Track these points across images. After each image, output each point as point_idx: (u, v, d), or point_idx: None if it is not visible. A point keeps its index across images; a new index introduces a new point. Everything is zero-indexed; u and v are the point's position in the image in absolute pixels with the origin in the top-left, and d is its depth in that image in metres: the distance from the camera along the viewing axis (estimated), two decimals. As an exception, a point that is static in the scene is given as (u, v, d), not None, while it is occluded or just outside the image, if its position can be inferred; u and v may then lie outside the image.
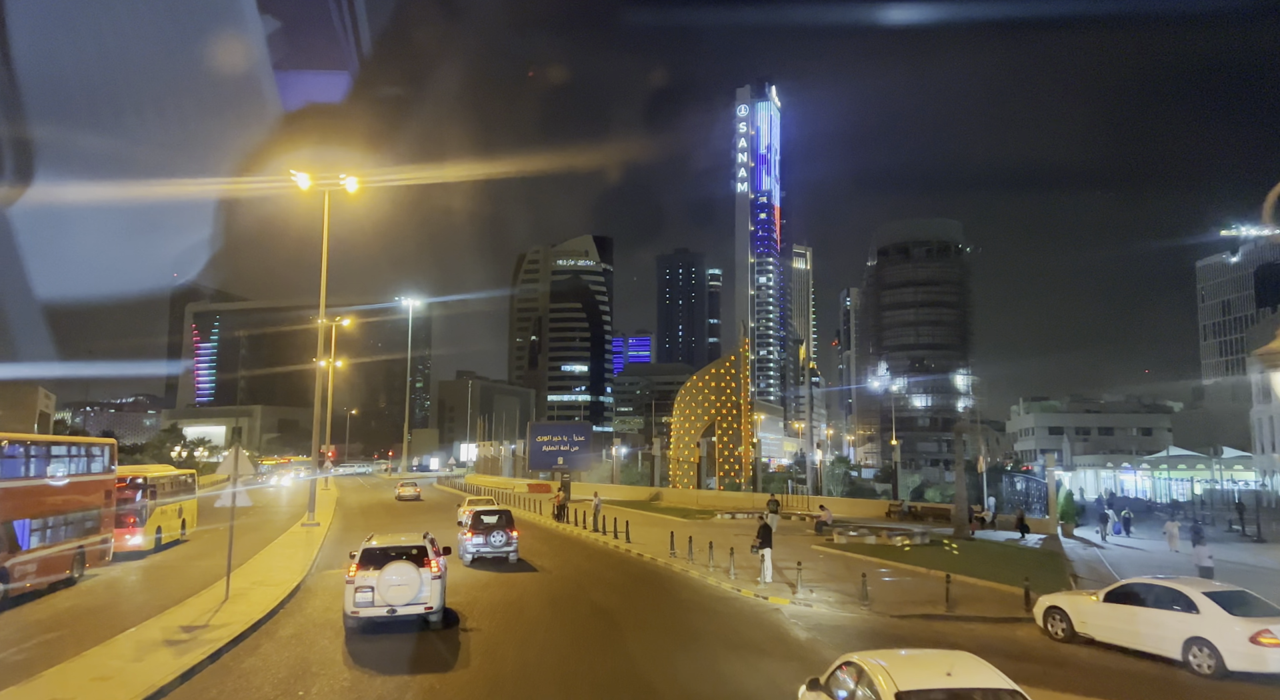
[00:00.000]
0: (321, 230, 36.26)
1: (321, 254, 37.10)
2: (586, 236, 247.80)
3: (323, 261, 36.91)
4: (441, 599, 15.87)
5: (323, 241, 36.84)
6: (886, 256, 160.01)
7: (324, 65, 32.85)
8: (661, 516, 41.37)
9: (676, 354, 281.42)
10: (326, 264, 36.80)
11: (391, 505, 54.31)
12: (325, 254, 36.86)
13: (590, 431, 57.06)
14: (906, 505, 46.14)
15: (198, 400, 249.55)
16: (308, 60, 33.65)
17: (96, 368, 60.63)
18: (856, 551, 25.86)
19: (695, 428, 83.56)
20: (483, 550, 24.60)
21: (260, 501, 55.81)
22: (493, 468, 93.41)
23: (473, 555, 24.65)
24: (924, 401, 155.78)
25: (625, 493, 61.89)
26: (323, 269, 36.95)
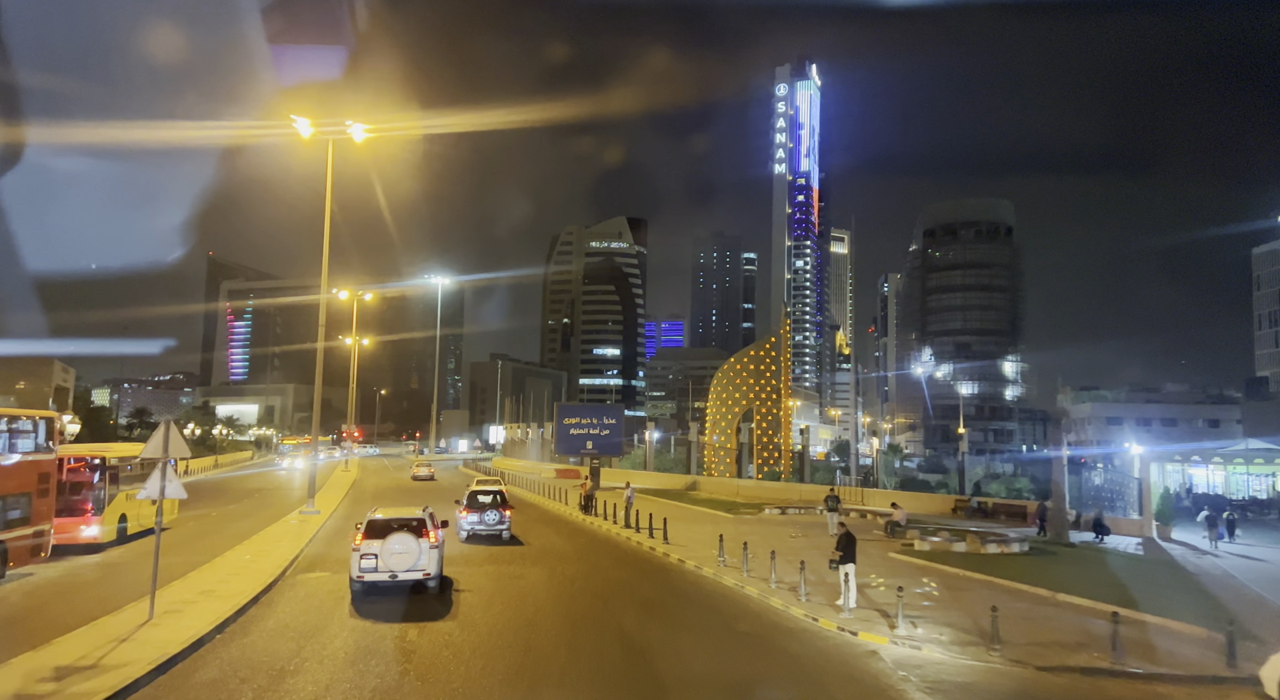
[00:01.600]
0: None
1: (326, 215, 33.09)
2: (621, 218, 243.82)
3: (326, 218, 32.90)
4: (439, 567, 17.33)
5: (326, 194, 32.81)
6: (933, 238, 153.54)
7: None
8: (701, 510, 36.97)
9: (710, 339, 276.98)
10: (330, 222, 32.78)
11: (408, 488, 50.76)
12: (329, 211, 32.85)
13: (622, 415, 52.82)
14: (976, 501, 41.24)
15: (231, 378, 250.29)
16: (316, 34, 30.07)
17: (107, 344, 58.06)
18: (947, 562, 21.24)
19: (732, 413, 78.96)
20: (477, 528, 25.80)
21: (268, 485, 52.39)
22: (520, 451, 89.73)
23: (468, 532, 25.79)
24: (970, 389, 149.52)
25: (659, 481, 57.64)
26: (326, 227, 32.94)
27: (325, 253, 33.06)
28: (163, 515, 27.68)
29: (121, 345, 65.94)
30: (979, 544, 23.14)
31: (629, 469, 65.85)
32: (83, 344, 63.31)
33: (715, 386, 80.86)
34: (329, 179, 32.72)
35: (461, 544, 24.59)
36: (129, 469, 25.03)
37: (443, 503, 31.14)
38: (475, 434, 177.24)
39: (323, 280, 33.26)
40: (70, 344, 59.34)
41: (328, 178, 32.72)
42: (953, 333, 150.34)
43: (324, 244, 33.10)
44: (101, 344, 60.26)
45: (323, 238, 33.34)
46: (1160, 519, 35.08)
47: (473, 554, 22.67)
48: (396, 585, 16.46)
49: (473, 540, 25.60)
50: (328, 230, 32.91)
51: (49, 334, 61.81)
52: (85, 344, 62.79)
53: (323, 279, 33.32)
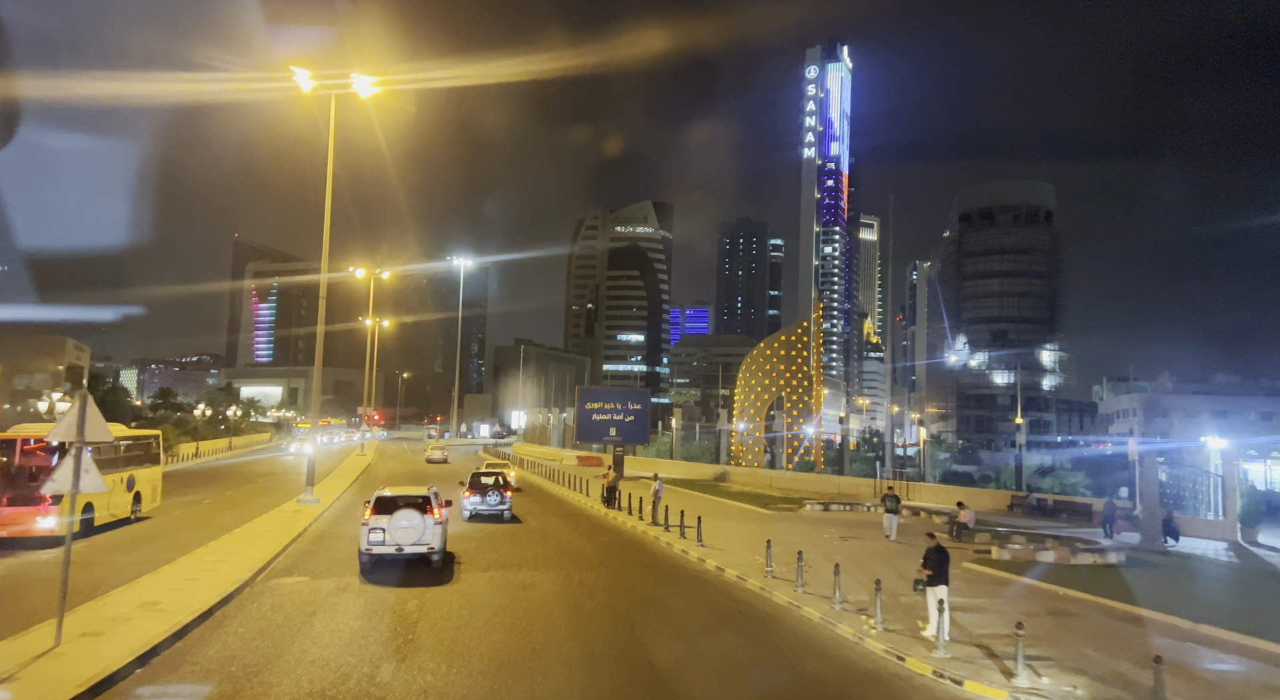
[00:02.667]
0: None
1: (328, 176, 30.17)
2: (646, 203, 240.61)
3: (328, 179, 29.98)
4: (442, 542, 18.04)
5: (329, 152, 29.89)
6: (969, 222, 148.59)
7: None
8: (734, 505, 33.80)
9: (735, 326, 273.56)
10: (332, 183, 29.86)
11: (422, 473, 48.16)
12: (330, 170, 29.92)
13: (649, 400, 49.52)
14: (1035, 498, 37.74)
15: (255, 360, 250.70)
16: None
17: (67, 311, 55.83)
18: (1037, 575, 17.92)
19: (761, 400, 75.65)
20: (479, 508, 27.05)
21: (275, 469, 49.92)
22: (541, 436, 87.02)
23: (470, 512, 27.07)
24: (1006, 378, 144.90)
25: (686, 471, 54.56)
26: (327, 190, 30.03)
27: (327, 219, 30.17)
28: (142, 503, 25.17)
29: (81, 312, 64.34)
30: (1068, 553, 19.76)
31: (654, 458, 62.81)
32: (42, 310, 60.95)
33: (744, 373, 77.57)
34: (331, 136, 29.81)
35: (464, 524, 25.72)
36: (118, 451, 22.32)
37: (456, 487, 31.08)
38: (497, 419, 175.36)
39: (323, 249, 30.37)
40: (28, 310, 57.28)
41: (330, 135, 29.80)
42: (989, 320, 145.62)
43: (325, 210, 30.20)
44: (61, 310, 58.16)
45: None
46: (1246, 521, 31.51)
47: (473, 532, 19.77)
48: (402, 558, 17.62)
49: (475, 520, 27.01)
50: (329, 193, 30.00)
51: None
52: (45, 310, 60.43)
53: (323, 248, 30.43)
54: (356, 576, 16.76)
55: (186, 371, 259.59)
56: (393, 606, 14.02)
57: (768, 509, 31.19)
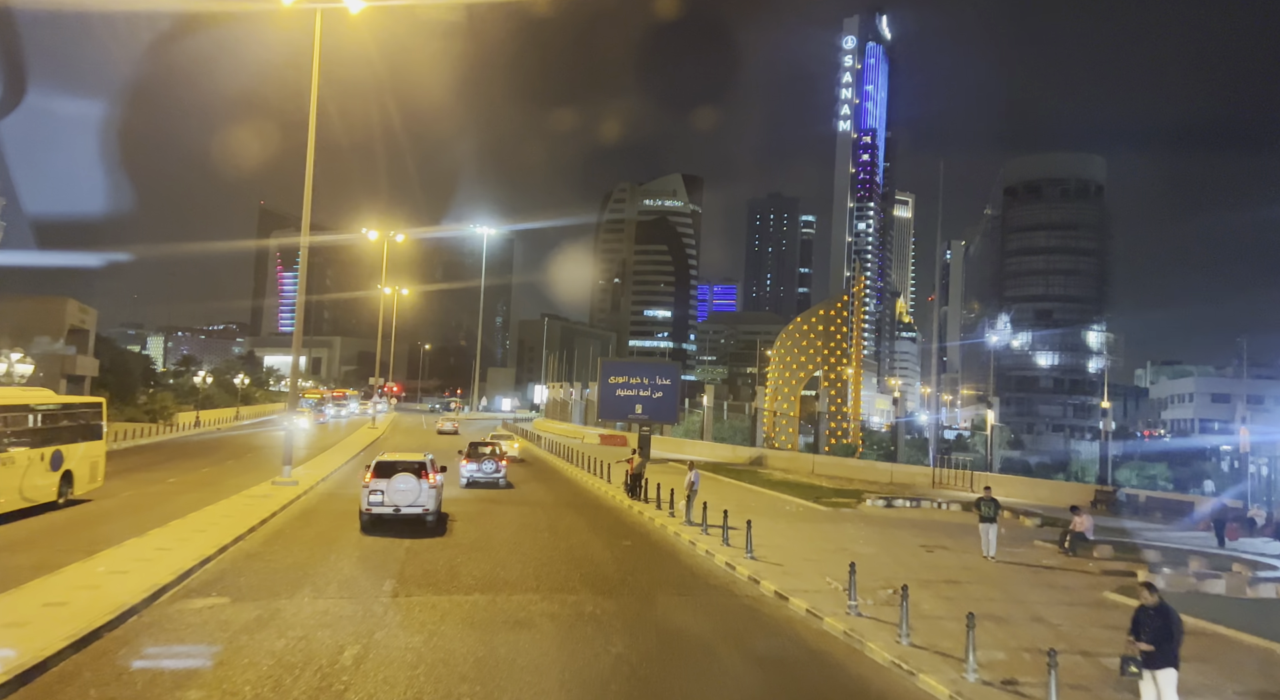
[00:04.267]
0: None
1: (311, 109, 25.68)
2: (675, 175, 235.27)
3: (311, 113, 25.49)
4: (436, 504, 19.76)
5: (313, 76, 25.38)
6: (1014, 196, 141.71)
7: None
8: (779, 497, 29.15)
9: (764, 304, 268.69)
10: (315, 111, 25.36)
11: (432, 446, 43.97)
12: (314, 98, 25.42)
13: (678, 374, 44.77)
14: (1124, 493, 32.74)
15: (280, 329, 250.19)
16: None
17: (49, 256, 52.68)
18: (1220, 618, 13.20)
19: (796, 378, 70.77)
20: (475, 475, 28.29)
21: (271, 442, 45.98)
22: (562, 413, 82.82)
23: (467, 479, 28.24)
24: (1050, 359, 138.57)
25: (719, 453, 49.97)
26: (311, 120, 25.55)
27: (310, 151, 25.67)
28: (74, 484, 21.04)
29: (67, 257, 61.01)
30: (1241, 579, 14.92)
31: (682, 438, 58.30)
32: (26, 255, 58.21)
33: (779, 348, 72.60)
34: (315, 59, 25.26)
35: (461, 490, 26.79)
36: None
37: (456, 457, 31.00)
38: (520, 394, 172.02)
39: (306, 188, 25.89)
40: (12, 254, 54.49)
41: (314, 57, 25.26)
42: (1033, 299, 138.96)
43: (309, 142, 25.69)
44: (47, 255, 54.87)
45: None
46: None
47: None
48: (399, 518, 18.74)
49: (472, 487, 28.17)
50: (313, 125, 25.49)
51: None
52: (29, 255, 57.76)
53: (306, 187, 25.95)
54: (291, 598, 12.43)
55: (212, 339, 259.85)
56: (320, 659, 9.62)
57: (820, 504, 26.52)
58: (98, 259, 69.07)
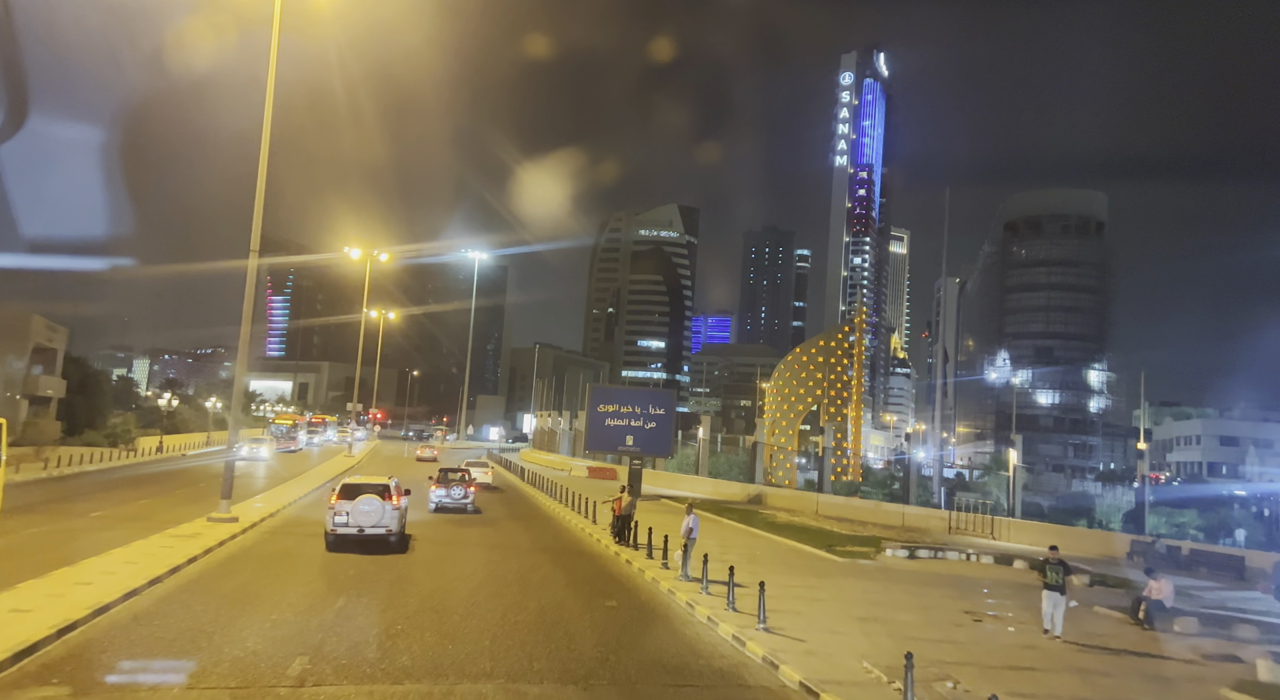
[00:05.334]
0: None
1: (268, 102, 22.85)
2: (671, 205, 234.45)
3: (267, 106, 22.66)
4: (399, 525, 20.31)
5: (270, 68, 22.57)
6: (1015, 231, 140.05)
7: None
8: (790, 545, 25.89)
9: (758, 336, 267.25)
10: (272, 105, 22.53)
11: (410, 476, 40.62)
12: (271, 91, 22.60)
13: (673, 403, 41.58)
14: (1163, 544, 29.61)
15: (267, 353, 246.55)
16: None
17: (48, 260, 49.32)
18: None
19: (795, 412, 67.77)
20: (444, 501, 29.07)
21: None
22: (550, 443, 79.41)
23: (436, 504, 29.04)
24: (1050, 398, 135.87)
25: (716, 490, 46.67)
26: (267, 114, 22.70)
27: (264, 150, 22.77)
28: None
29: (70, 262, 57.50)
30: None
31: (676, 472, 55.00)
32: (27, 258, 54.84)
33: (776, 380, 69.70)
34: (274, 41, 22.49)
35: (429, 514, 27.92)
36: None
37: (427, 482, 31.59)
38: (510, 423, 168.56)
39: (258, 196, 22.94)
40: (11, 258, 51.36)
41: (273, 39, 22.49)
42: (1034, 336, 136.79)
43: (264, 135, 22.81)
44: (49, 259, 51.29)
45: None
46: None
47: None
48: (363, 538, 19.51)
49: (440, 511, 28.80)
50: (269, 117, 22.63)
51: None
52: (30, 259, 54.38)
53: (258, 194, 23.00)
54: (154, 691, 9.23)
55: (200, 363, 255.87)
56: None
57: (835, 553, 23.29)
58: (102, 263, 66.27)
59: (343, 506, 19.44)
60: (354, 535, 19.27)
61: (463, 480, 29.67)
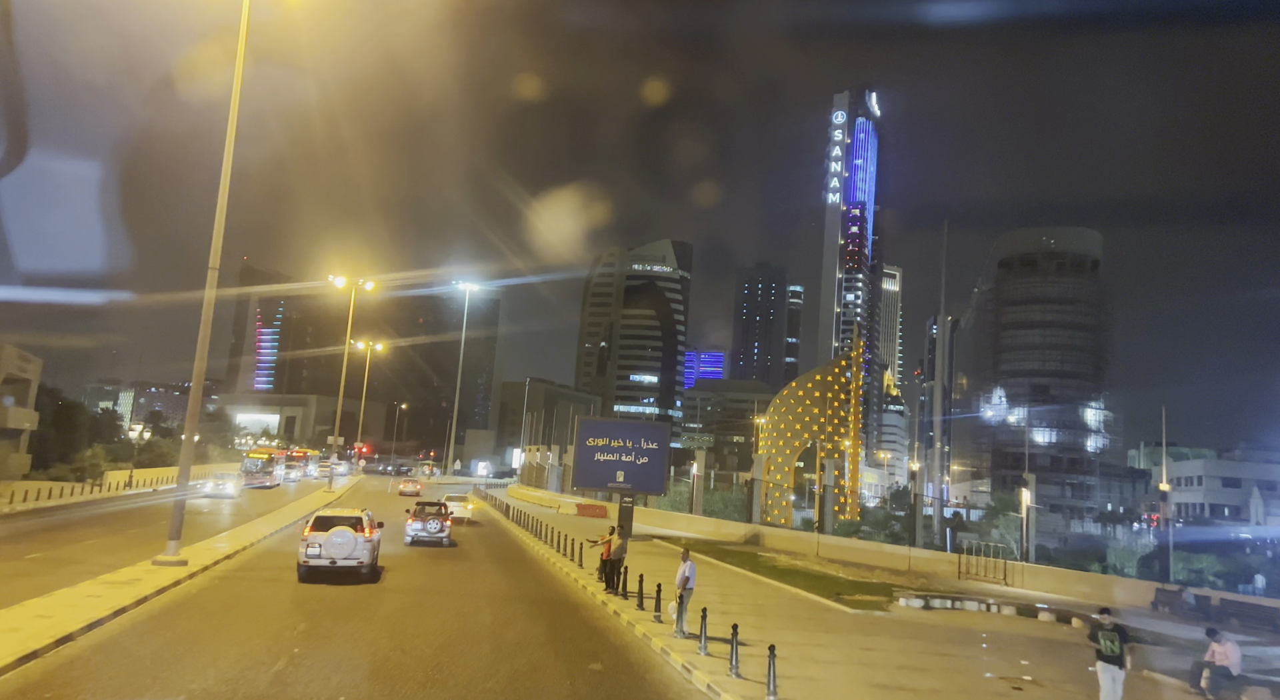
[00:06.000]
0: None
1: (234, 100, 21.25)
2: (665, 241, 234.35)
3: (233, 105, 21.05)
4: (371, 558, 20.68)
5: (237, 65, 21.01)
6: (1009, 269, 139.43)
7: None
8: (795, 593, 23.79)
9: (750, 372, 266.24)
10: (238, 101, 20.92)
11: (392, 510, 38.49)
12: (237, 88, 21.01)
13: (667, 437, 39.46)
14: (1191, 593, 27.60)
15: (255, 387, 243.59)
16: None
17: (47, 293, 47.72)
18: None
19: (791, 447, 65.82)
20: (419, 534, 29.22)
21: (193, 509, 40.16)
22: (538, 478, 77.05)
23: (412, 537, 29.19)
24: (1047, 437, 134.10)
25: (711, 529, 44.49)
26: (232, 116, 21.07)
27: (227, 164, 21.09)
28: None
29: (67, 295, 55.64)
30: None
31: (669, 510, 52.81)
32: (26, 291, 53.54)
33: (772, 414, 67.85)
34: (243, 32, 20.95)
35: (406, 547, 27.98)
36: None
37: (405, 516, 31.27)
38: (500, 458, 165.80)
39: (219, 210, 21.19)
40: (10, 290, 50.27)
41: (241, 31, 20.95)
42: (1028, 373, 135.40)
43: (228, 139, 21.14)
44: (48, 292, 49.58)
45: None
46: None
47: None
48: (335, 569, 19.73)
49: (416, 544, 28.89)
50: (233, 119, 20.99)
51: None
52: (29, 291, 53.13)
53: (220, 207, 21.26)
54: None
55: (186, 396, 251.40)
56: None
57: (844, 603, 21.20)
58: (99, 296, 65.10)
59: (315, 538, 19.73)
60: (326, 567, 19.56)
61: (439, 514, 29.80)
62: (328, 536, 19.66)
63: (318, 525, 20.18)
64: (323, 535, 19.71)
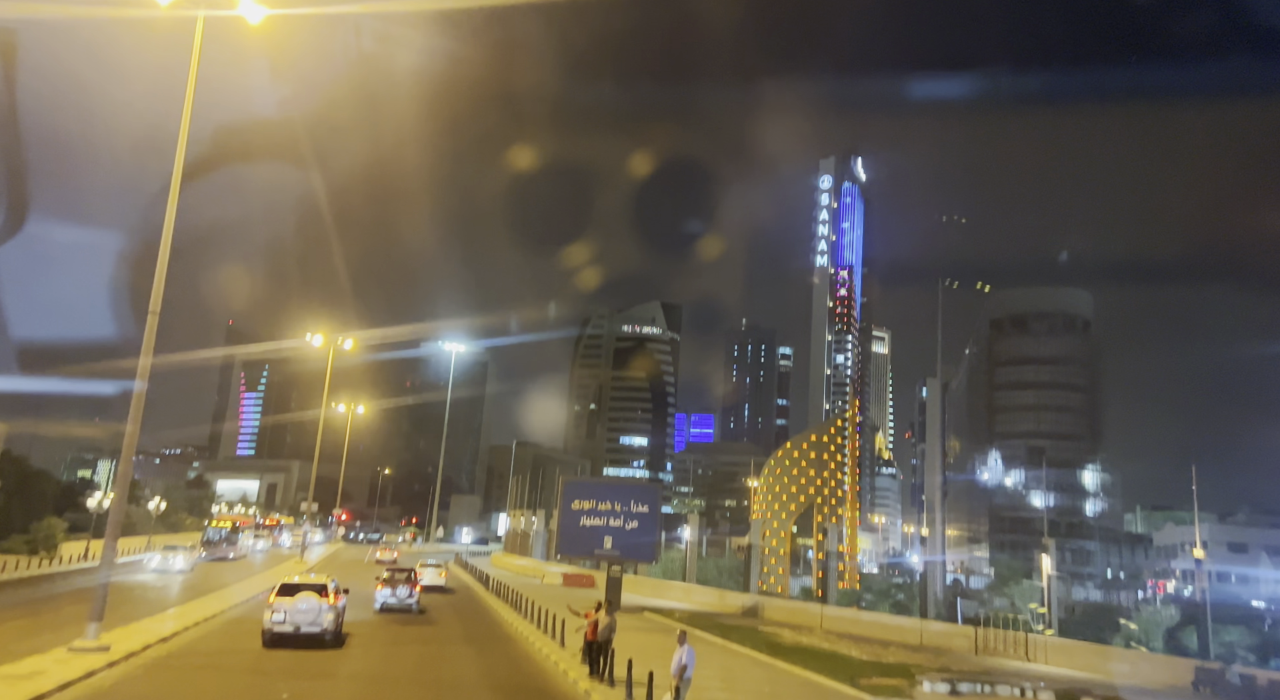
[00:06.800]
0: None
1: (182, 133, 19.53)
2: (655, 302, 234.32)
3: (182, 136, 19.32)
4: (335, 625, 20.93)
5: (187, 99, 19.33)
6: (1000, 329, 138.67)
7: None
8: (803, 675, 21.10)
9: (741, 435, 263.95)
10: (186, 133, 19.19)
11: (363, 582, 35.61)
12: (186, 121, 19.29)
13: (658, 497, 36.89)
14: (1237, 672, 25.06)
15: (238, 452, 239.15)
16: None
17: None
18: None
19: (787, 511, 63.24)
20: (389, 601, 29.03)
21: (144, 584, 37.14)
22: (523, 545, 73.76)
23: (381, 604, 29.03)
24: (1045, 501, 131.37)
25: (706, 600, 41.54)
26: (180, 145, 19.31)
27: (175, 188, 19.23)
28: None
29: (81, 385, 54.13)
30: None
31: (660, 578, 49.79)
32: (39, 382, 53.20)
33: (766, 477, 65.42)
34: (193, 72, 19.31)
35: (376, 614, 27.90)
36: None
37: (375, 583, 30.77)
38: (486, 524, 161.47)
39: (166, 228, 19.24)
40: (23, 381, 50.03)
41: (191, 70, 19.32)
42: (1024, 435, 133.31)
43: (175, 175, 19.31)
44: (60, 383, 48.34)
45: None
46: None
47: None
48: (299, 636, 19.80)
49: (385, 611, 28.74)
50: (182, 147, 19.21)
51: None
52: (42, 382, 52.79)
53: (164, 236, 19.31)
54: None
55: (168, 463, 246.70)
56: None
57: (862, 689, 18.63)
58: (113, 387, 64.11)
59: (280, 604, 19.88)
60: (290, 633, 19.65)
61: (408, 580, 29.71)
62: (293, 603, 19.80)
63: (283, 592, 20.37)
64: (288, 601, 19.88)
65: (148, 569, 41.83)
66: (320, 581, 21.34)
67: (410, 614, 28.77)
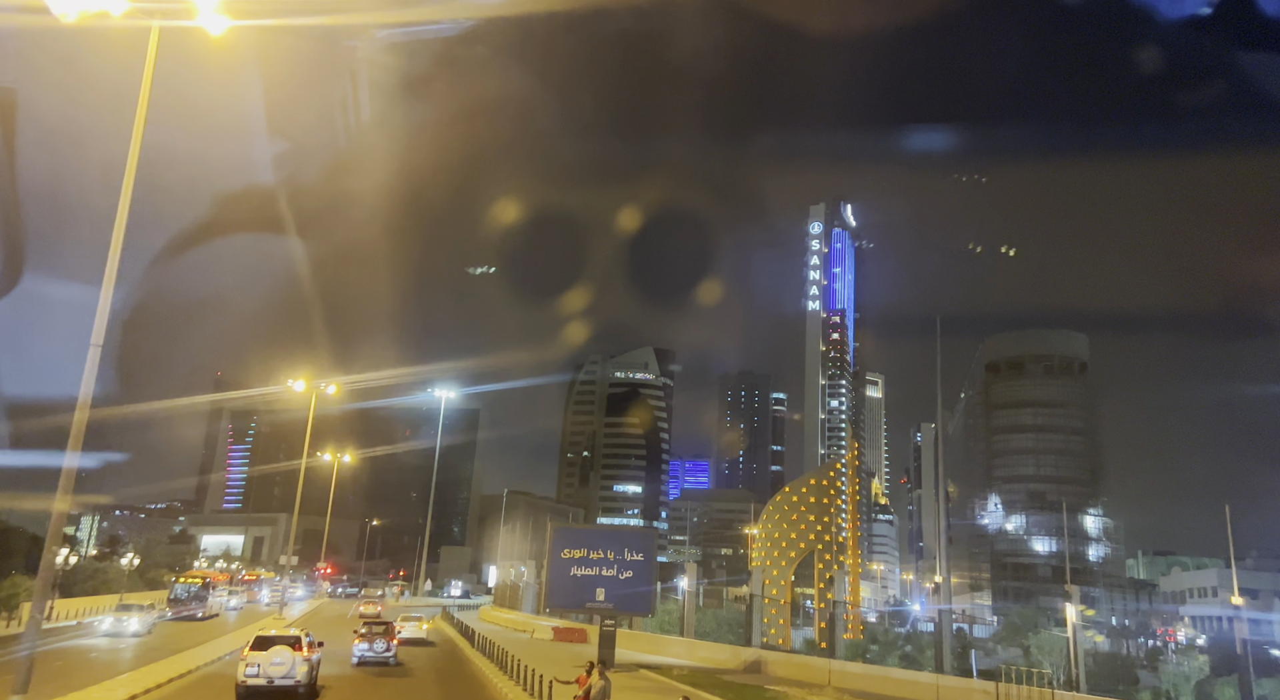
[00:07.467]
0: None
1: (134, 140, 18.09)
2: (647, 348, 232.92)
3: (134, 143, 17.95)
4: (310, 677, 21.43)
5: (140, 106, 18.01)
6: (996, 373, 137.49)
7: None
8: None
9: (736, 481, 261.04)
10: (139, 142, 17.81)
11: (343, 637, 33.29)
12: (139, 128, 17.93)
13: (653, 545, 34.54)
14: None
15: (224, 505, 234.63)
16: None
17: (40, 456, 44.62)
18: None
19: (787, 558, 61.04)
20: (366, 655, 29.41)
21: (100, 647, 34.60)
22: (512, 598, 71.01)
23: (359, 657, 29.41)
24: (1047, 546, 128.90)
25: (706, 655, 39.11)
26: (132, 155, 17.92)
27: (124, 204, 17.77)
28: None
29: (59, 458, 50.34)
30: None
31: (656, 631, 47.35)
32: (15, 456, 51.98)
33: (765, 523, 63.33)
34: (147, 81, 18.02)
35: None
36: None
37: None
38: (476, 576, 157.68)
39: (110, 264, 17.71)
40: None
41: (145, 78, 18.03)
42: (1023, 479, 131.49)
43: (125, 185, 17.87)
44: (37, 456, 46.26)
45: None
46: None
47: None
48: (272, 690, 20.31)
49: (363, 665, 29.23)
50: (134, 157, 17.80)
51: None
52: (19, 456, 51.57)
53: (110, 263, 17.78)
54: None
55: (153, 518, 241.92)
56: None
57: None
58: (94, 460, 62.78)
59: (255, 658, 20.32)
60: (263, 686, 20.06)
61: (385, 633, 29.96)
62: (266, 656, 20.23)
63: (256, 645, 20.84)
64: (261, 655, 20.32)
65: (99, 632, 38.35)
66: (294, 634, 21.80)
67: (388, 667, 28.86)
